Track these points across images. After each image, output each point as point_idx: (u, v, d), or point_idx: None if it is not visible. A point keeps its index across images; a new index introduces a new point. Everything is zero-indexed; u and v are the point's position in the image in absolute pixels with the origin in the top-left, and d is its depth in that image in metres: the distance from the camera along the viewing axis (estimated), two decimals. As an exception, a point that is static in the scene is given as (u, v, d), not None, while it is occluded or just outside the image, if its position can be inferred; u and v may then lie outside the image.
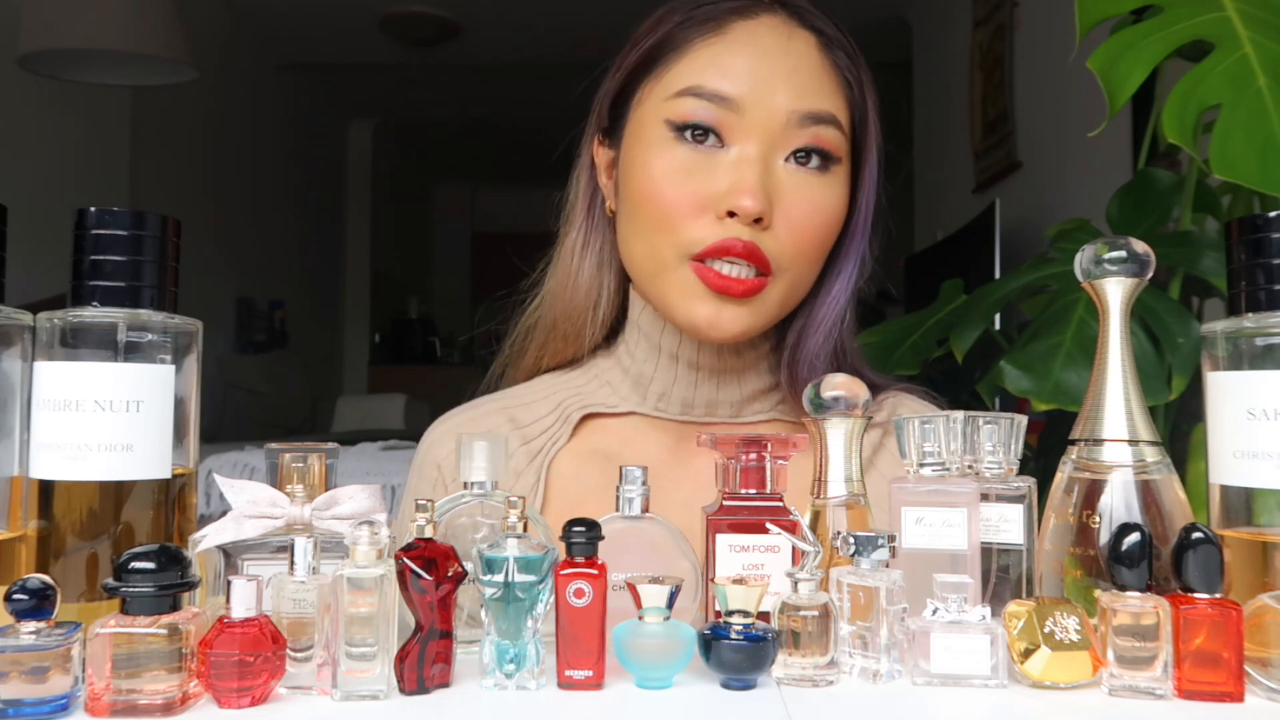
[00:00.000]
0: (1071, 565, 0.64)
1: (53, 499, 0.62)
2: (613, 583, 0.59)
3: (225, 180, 5.14)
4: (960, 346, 1.42)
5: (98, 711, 0.52)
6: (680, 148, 0.82)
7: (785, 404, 0.91)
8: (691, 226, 0.80)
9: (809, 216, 0.82)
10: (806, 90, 0.82)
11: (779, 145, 0.82)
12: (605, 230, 0.92)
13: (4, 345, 0.63)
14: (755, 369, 0.90)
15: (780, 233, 0.81)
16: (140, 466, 0.63)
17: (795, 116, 0.81)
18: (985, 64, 3.56)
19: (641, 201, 0.83)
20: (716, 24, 0.84)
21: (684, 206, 0.81)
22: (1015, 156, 3.29)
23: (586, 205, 0.93)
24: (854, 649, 0.59)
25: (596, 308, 0.92)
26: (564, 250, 0.94)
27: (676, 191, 0.81)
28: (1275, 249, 0.63)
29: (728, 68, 0.82)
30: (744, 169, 0.80)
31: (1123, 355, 0.65)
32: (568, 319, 0.92)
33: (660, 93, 0.84)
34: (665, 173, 0.82)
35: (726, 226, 0.79)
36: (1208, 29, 1.11)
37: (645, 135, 0.84)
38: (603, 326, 0.93)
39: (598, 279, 0.92)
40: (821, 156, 0.83)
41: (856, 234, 0.88)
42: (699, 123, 0.81)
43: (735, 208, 0.79)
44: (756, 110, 0.81)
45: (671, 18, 0.86)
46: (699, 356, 0.88)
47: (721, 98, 0.81)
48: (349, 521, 0.60)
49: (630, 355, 0.91)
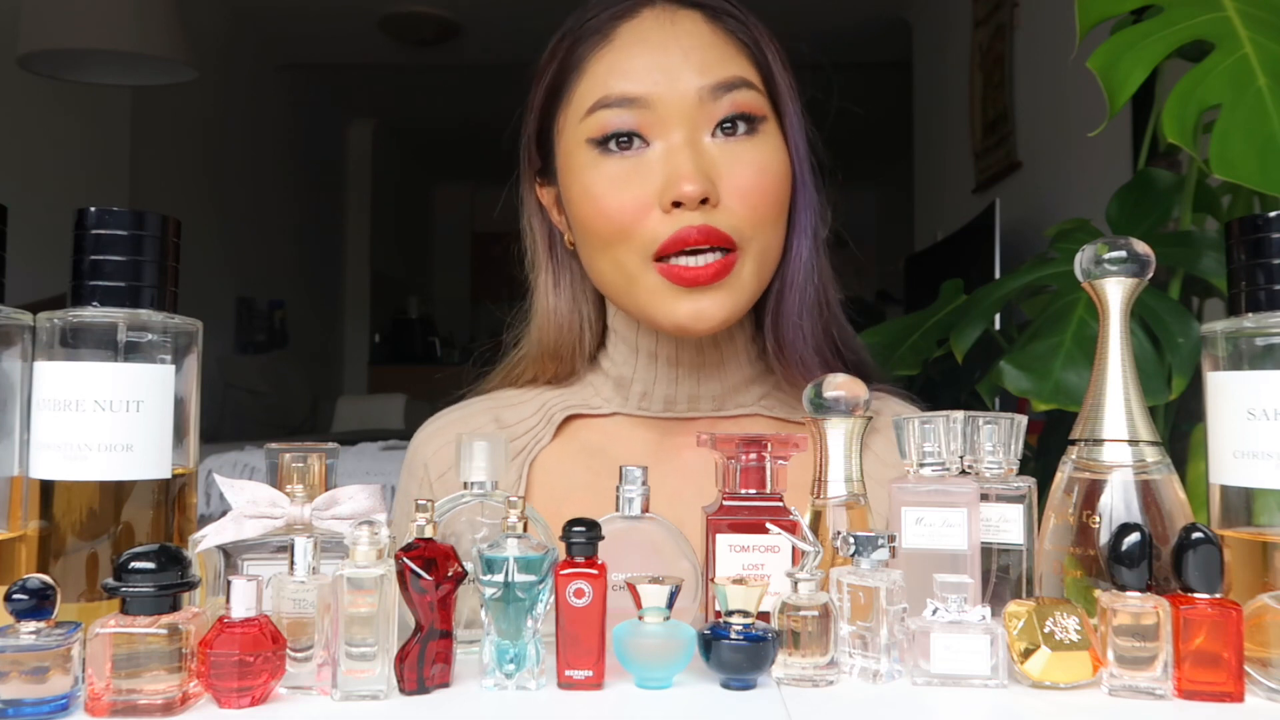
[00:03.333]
0: (1071, 565, 0.64)
1: (53, 499, 0.62)
2: (613, 583, 0.59)
3: (225, 180, 5.14)
4: (960, 346, 1.42)
5: (98, 711, 0.52)
6: (609, 160, 0.83)
7: (769, 398, 0.91)
8: (644, 227, 0.81)
9: (754, 181, 0.82)
10: (707, 64, 0.83)
11: (700, 124, 0.82)
12: (571, 264, 0.93)
13: (4, 345, 0.63)
14: (735, 360, 0.90)
15: (732, 205, 0.81)
16: (140, 466, 0.63)
17: (706, 91, 0.82)
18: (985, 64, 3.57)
19: (591, 222, 0.84)
20: (603, 34, 0.85)
21: (630, 212, 0.81)
22: (1015, 156, 3.29)
23: (546, 246, 0.94)
24: (854, 649, 0.59)
25: (581, 339, 0.93)
26: (538, 294, 0.95)
27: (618, 201, 0.82)
28: (1275, 249, 0.63)
29: (625, 70, 0.83)
30: (675, 158, 0.80)
31: (1123, 355, 0.65)
32: (555, 356, 0.94)
33: (574, 116, 0.85)
34: (603, 188, 0.82)
35: (677, 218, 0.80)
36: (1208, 29, 1.11)
37: (574, 161, 0.85)
38: (590, 350, 0.94)
39: (575, 311, 0.93)
40: (746, 121, 0.83)
41: (800, 185, 0.88)
42: (616, 131, 0.82)
43: (678, 196, 0.79)
44: (667, 100, 0.81)
45: (563, 44, 0.88)
46: (678, 353, 0.89)
47: (629, 99, 0.82)
48: (349, 521, 0.61)
49: (610, 360, 0.92)
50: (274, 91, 5.83)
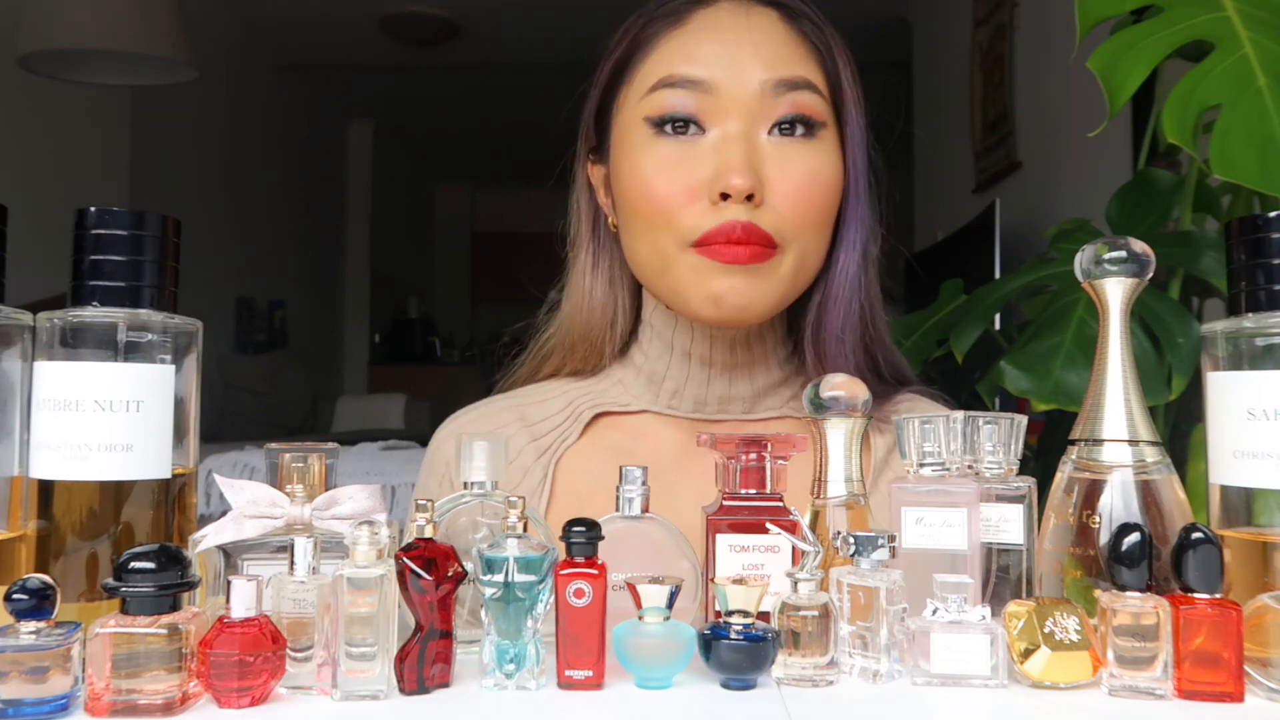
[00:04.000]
0: (1071, 565, 0.64)
1: (53, 499, 0.62)
2: (613, 583, 0.59)
3: (225, 180, 5.14)
4: (960, 346, 1.42)
5: (98, 711, 0.52)
6: (663, 142, 0.82)
7: (797, 399, 0.90)
8: (688, 215, 0.81)
9: (803, 185, 0.82)
10: (776, 60, 0.82)
11: (759, 119, 0.82)
12: (612, 247, 0.93)
13: (4, 345, 0.63)
14: (766, 363, 0.90)
15: (778, 205, 0.81)
16: (140, 466, 0.63)
17: (769, 86, 0.82)
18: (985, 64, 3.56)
19: (636, 202, 0.83)
20: (677, 17, 0.85)
21: (677, 197, 0.81)
22: (1015, 156, 3.29)
23: (590, 226, 0.94)
24: (854, 649, 0.59)
25: (614, 325, 0.93)
26: (575, 273, 0.94)
27: (667, 185, 0.81)
28: (1275, 249, 0.63)
29: (693, 53, 0.83)
30: (728, 149, 0.80)
31: (1123, 355, 0.65)
32: (586, 340, 0.93)
33: (635, 94, 0.85)
34: (653, 169, 0.82)
35: (722, 211, 0.79)
36: (1208, 29, 1.11)
37: (628, 139, 0.85)
38: (620, 340, 0.93)
39: (611, 296, 0.93)
40: (805, 124, 0.83)
41: (852, 199, 0.87)
42: (675, 113, 0.82)
43: (726, 188, 0.79)
44: (730, 88, 0.81)
45: (636, 23, 0.88)
46: (711, 353, 0.88)
47: (692, 82, 0.82)
48: (349, 521, 0.60)
49: (644, 354, 0.91)
50: (274, 91, 5.83)
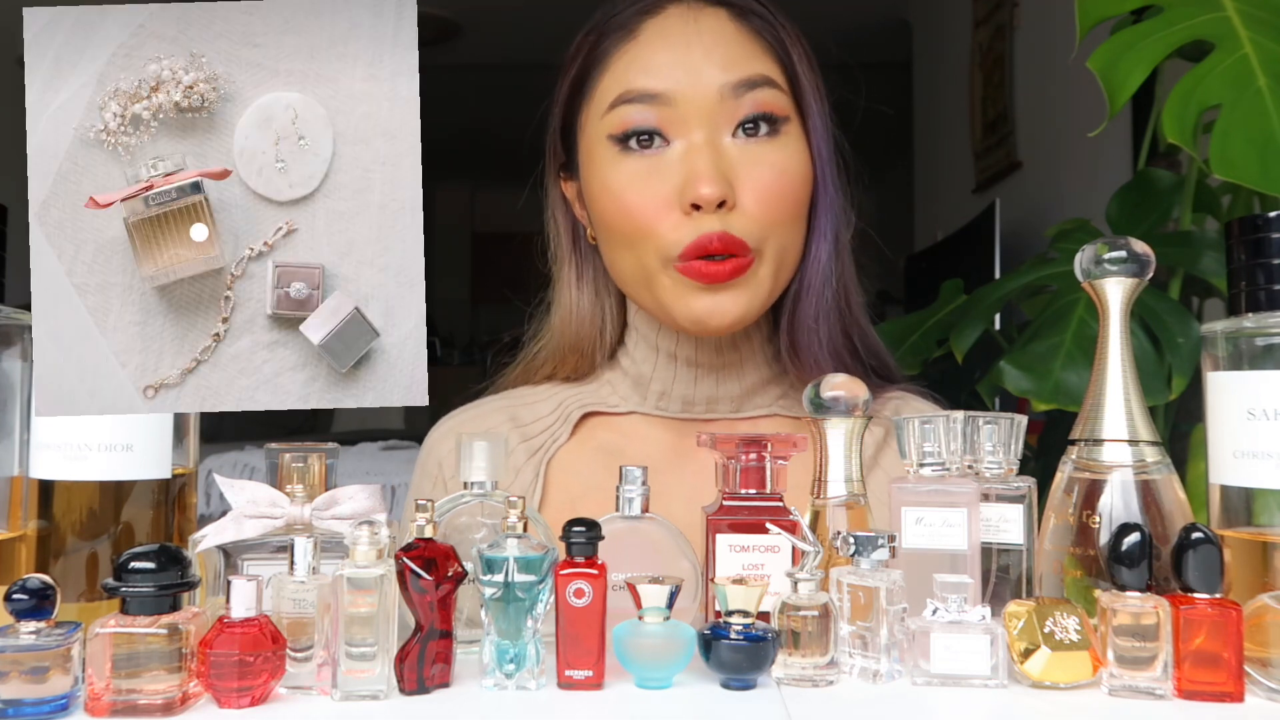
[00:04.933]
0: (1071, 565, 0.64)
1: (53, 499, 0.62)
2: (613, 583, 0.59)
3: (225, 180, 5.13)
4: (960, 346, 1.42)
5: (98, 711, 0.52)
6: (629, 158, 0.83)
7: (786, 398, 0.91)
8: (663, 229, 0.81)
9: (773, 184, 0.82)
10: (730, 61, 0.82)
11: (722, 124, 0.82)
12: (594, 258, 0.93)
13: (4, 345, 0.63)
14: (753, 361, 0.90)
15: (750, 208, 0.81)
16: (140, 466, 0.63)
17: (728, 89, 0.81)
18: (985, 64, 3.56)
19: (611, 220, 0.84)
20: (627, 30, 0.85)
21: (650, 212, 0.81)
22: (1015, 156, 3.29)
23: (570, 240, 0.94)
24: (854, 649, 0.59)
25: (603, 333, 0.93)
26: (560, 286, 0.95)
27: (638, 201, 0.82)
28: (1275, 249, 0.63)
29: (647, 65, 0.83)
30: (694, 158, 0.80)
31: (1123, 355, 0.65)
32: (576, 350, 0.94)
33: (596, 112, 0.85)
34: (622, 186, 0.82)
35: (697, 221, 0.80)
36: (1208, 29, 1.11)
37: (595, 157, 0.85)
38: (610, 346, 0.94)
39: (598, 305, 0.93)
40: (768, 122, 0.83)
41: (821, 187, 0.87)
42: (637, 128, 0.82)
43: (696, 199, 0.79)
44: (688, 97, 0.81)
45: (588, 39, 0.88)
46: (697, 354, 0.88)
47: (650, 95, 0.82)
48: (349, 521, 0.60)
49: (630, 358, 0.92)
50: (274, 91, 5.82)
